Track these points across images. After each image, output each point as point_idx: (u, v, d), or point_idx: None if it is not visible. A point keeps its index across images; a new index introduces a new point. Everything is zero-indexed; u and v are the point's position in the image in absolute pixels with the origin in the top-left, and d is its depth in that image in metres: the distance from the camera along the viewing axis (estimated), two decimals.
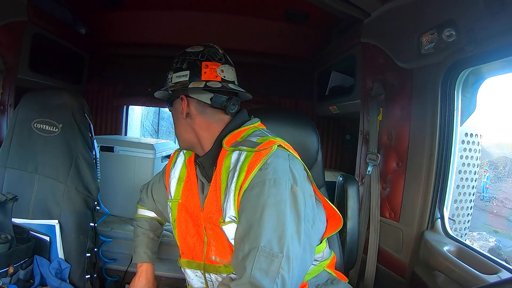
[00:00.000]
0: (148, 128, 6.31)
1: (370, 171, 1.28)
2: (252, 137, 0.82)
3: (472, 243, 3.85)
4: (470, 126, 1.33)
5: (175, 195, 0.95)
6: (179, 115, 0.90)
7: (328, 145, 2.31)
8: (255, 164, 0.74)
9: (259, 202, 0.71)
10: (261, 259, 0.68)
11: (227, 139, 0.84)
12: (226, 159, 0.81)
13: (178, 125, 0.92)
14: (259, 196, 0.72)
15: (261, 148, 0.77)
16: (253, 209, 0.72)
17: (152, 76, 2.18)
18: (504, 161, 7.54)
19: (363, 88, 1.38)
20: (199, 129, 0.88)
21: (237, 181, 0.75)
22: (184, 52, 0.90)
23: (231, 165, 0.79)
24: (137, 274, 1.07)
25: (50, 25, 1.48)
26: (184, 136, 0.91)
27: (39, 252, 1.17)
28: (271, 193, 0.72)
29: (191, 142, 0.90)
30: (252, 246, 0.69)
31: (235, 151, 0.80)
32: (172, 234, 1.75)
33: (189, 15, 1.83)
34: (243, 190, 0.74)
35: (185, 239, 0.94)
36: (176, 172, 0.98)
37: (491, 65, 0.93)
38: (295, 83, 2.23)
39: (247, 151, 0.78)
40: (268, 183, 0.72)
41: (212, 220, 0.84)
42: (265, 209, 0.71)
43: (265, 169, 0.74)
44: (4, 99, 1.26)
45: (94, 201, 1.32)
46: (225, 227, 0.78)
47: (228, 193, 0.77)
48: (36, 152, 1.24)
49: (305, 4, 1.39)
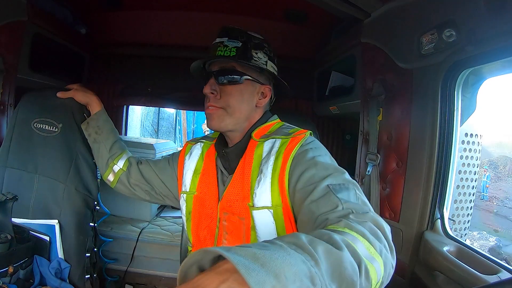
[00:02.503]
0: (148, 128, 6.30)
1: (370, 171, 1.28)
2: (282, 129, 0.87)
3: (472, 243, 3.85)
4: (470, 126, 1.33)
5: (190, 187, 0.95)
6: (250, 98, 0.88)
7: (328, 145, 2.31)
8: (295, 144, 0.79)
9: (310, 158, 0.76)
10: (337, 189, 0.68)
11: (256, 132, 0.87)
12: (257, 148, 0.84)
13: (244, 106, 0.87)
14: (308, 155, 0.77)
15: (296, 134, 0.83)
16: (307, 167, 0.75)
17: (152, 76, 2.18)
18: (504, 161, 7.55)
19: (363, 88, 1.38)
20: (254, 119, 0.91)
21: (275, 165, 0.79)
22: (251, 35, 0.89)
23: (264, 153, 0.82)
24: None
25: (50, 25, 1.48)
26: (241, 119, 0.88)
27: (39, 252, 1.17)
28: (318, 149, 0.80)
29: (239, 126, 0.89)
30: (322, 190, 0.69)
31: (268, 140, 0.84)
32: (171, 234, 1.75)
33: (189, 15, 1.82)
34: (288, 167, 0.77)
35: (197, 232, 0.94)
36: (192, 164, 0.97)
37: (491, 65, 0.92)
38: (295, 83, 2.22)
39: (282, 138, 0.82)
40: (310, 148, 0.79)
41: (232, 208, 0.84)
42: (318, 158, 0.76)
43: (305, 144, 0.80)
44: (4, 99, 1.26)
45: (94, 201, 1.32)
46: (256, 212, 0.79)
47: (262, 179, 0.79)
48: (36, 152, 1.24)
49: (305, 4, 1.39)
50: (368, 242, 0.51)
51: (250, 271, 0.34)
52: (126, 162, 1.13)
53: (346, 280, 0.43)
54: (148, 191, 1.11)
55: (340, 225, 0.55)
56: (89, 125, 1.18)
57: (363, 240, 0.51)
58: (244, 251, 0.37)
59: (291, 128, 0.88)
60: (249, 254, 0.36)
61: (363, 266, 0.47)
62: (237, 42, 0.85)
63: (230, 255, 0.35)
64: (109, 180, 1.15)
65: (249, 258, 0.36)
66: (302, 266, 0.38)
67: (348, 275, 0.43)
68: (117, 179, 1.13)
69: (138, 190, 1.12)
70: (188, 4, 1.73)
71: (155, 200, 1.14)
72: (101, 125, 1.17)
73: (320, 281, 0.39)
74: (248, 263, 0.35)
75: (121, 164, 1.13)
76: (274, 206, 0.78)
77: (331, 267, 0.42)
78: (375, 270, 0.49)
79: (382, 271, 0.51)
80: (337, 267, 0.43)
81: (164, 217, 2.02)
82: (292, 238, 0.44)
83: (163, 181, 1.07)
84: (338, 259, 0.43)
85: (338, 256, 0.44)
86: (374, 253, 0.51)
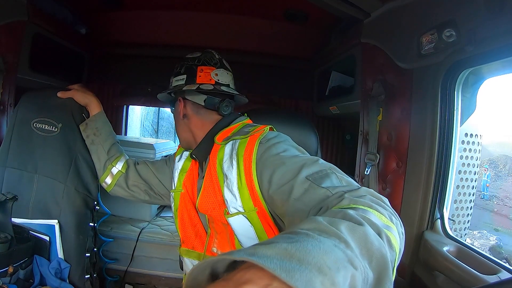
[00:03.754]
0: (148, 128, 6.30)
1: (369, 171, 1.28)
2: (243, 129, 0.87)
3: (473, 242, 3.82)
4: (470, 126, 1.33)
5: (177, 185, 1.00)
6: (178, 116, 0.99)
7: (328, 145, 2.31)
8: (253, 144, 0.78)
9: (275, 154, 0.74)
10: (317, 180, 0.64)
11: (219, 136, 0.88)
12: (219, 152, 0.84)
13: (177, 125, 1.01)
14: (270, 154, 0.75)
15: (254, 132, 0.82)
16: (275, 165, 0.72)
17: (152, 76, 2.18)
18: (504, 160, 7.54)
19: (363, 88, 1.38)
20: (195, 128, 0.96)
21: (238, 169, 0.77)
22: (184, 58, 0.98)
23: (225, 156, 0.82)
24: None
25: (50, 25, 1.48)
26: (182, 135, 1.00)
27: (38, 252, 1.17)
28: (279, 146, 0.76)
29: (188, 141, 0.99)
30: (302, 185, 0.66)
31: (228, 142, 0.84)
32: (171, 234, 1.76)
33: (189, 15, 1.82)
34: (254, 171, 0.75)
35: (185, 228, 0.97)
36: (180, 164, 1.03)
37: (491, 65, 0.92)
38: (295, 83, 2.23)
39: (240, 138, 0.82)
40: (272, 145, 0.77)
41: (213, 214, 0.85)
42: (284, 153, 0.74)
43: (264, 141, 0.78)
44: (4, 99, 1.26)
45: (94, 201, 1.32)
46: (231, 219, 0.79)
47: (230, 185, 0.79)
48: (36, 151, 1.24)
49: (305, 4, 1.39)
50: (378, 212, 0.50)
51: (292, 273, 0.29)
52: (124, 164, 1.15)
53: (375, 255, 0.41)
54: (147, 191, 1.13)
55: (344, 203, 0.54)
56: (88, 126, 1.19)
57: (373, 211, 0.50)
58: (272, 250, 0.32)
59: (252, 127, 0.87)
60: (280, 252, 0.31)
61: (384, 235, 0.45)
62: None
63: (262, 260, 0.30)
64: (106, 183, 1.17)
65: (282, 256, 0.31)
66: (337, 251, 0.35)
67: (376, 249, 0.41)
68: (115, 182, 1.15)
69: (136, 191, 1.14)
70: (188, 4, 1.73)
71: (155, 200, 1.16)
72: (99, 127, 1.18)
73: (358, 262, 0.36)
74: (285, 264, 0.30)
75: (119, 166, 1.14)
76: (247, 211, 0.76)
77: (359, 244, 0.40)
78: (394, 237, 0.48)
79: (398, 237, 0.50)
80: (364, 243, 0.41)
81: (164, 217, 2.02)
82: (311, 223, 0.41)
83: (161, 180, 1.11)
84: (363, 235, 0.41)
85: (361, 231, 0.42)
86: (387, 221, 0.49)
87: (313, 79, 2.15)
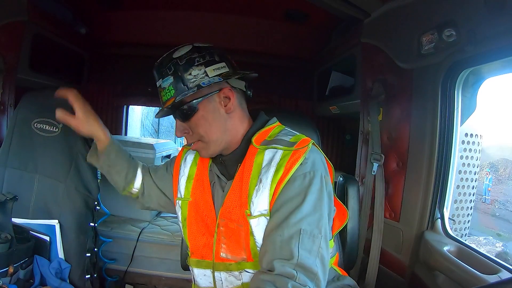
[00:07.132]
0: (148, 128, 6.31)
1: (375, 171, 1.27)
2: (282, 136, 0.84)
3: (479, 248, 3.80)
4: (470, 126, 1.33)
5: (185, 194, 0.93)
6: (216, 115, 0.82)
7: (328, 145, 2.31)
8: (296, 161, 0.78)
9: (301, 191, 0.76)
10: (304, 240, 0.71)
11: (256, 138, 0.84)
12: (257, 156, 0.81)
13: (215, 128, 0.83)
14: (301, 186, 0.76)
15: (298, 146, 0.80)
16: (295, 198, 0.75)
17: (152, 76, 2.18)
18: (504, 163, 7.54)
19: (363, 88, 1.38)
20: (235, 126, 0.85)
21: (275, 176, 0.77)
22: (197, 46, 0.84)
23: (264, 162, 0.80)
24: None
25: (50, 25, 1.48)
26: (221, 138, 0.84)
27: (39, 252, 1.17)
28: (312, 183, 0.77)
29: (226, 144, 0.85)
30: (294, 230, 0.72)
31: (269, 149, 0.81)
32: (172, 234, 1.74)
33: (189, 15, 1.83)
34: (283, 184, 0.77)
35: (195, 238, 0.92)
36: (186, 170, 0.96)
37: (491, 65, 0.93)
38: (295, 83, 2.23)
39: (283, 149, 0.80)
40: (309, 175, 0.77)
41: (230, 215, 0.83)
42: (308, 195, 0.75)
43: (305, 163, 0.78)
44: (4, 99, 1.26)
45: (94, 201, 1.32)
46: (253, 221, 0.79)
47: (261, 188, 0.78)
48: (36, 152, 1.24)
49: (305, 4, 1.39)
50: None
51: None
52: (141, 185, 1.05)
53: None
54: None
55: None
56: (100, 160, 1.03)
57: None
58: None
59: (292, 136, 0.84)
60: None
61: None
62: (169, 77, 0.82)
63: None
64: None
65: None
66: None
67: None
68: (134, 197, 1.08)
69: None
70: (188, 4, 1.73)
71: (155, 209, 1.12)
72: (112, 163, 1.03)
73: None
74: None
75: (137, 186, 1.05)
76: (269, 213, 0.78)
77: None
78: None
79: None
80: None
81: (164, 217, 2.02)
82: None
83: (162, 190, 1.03)
84: None
85: None
86: None
87: (313, 79, 2.15)
